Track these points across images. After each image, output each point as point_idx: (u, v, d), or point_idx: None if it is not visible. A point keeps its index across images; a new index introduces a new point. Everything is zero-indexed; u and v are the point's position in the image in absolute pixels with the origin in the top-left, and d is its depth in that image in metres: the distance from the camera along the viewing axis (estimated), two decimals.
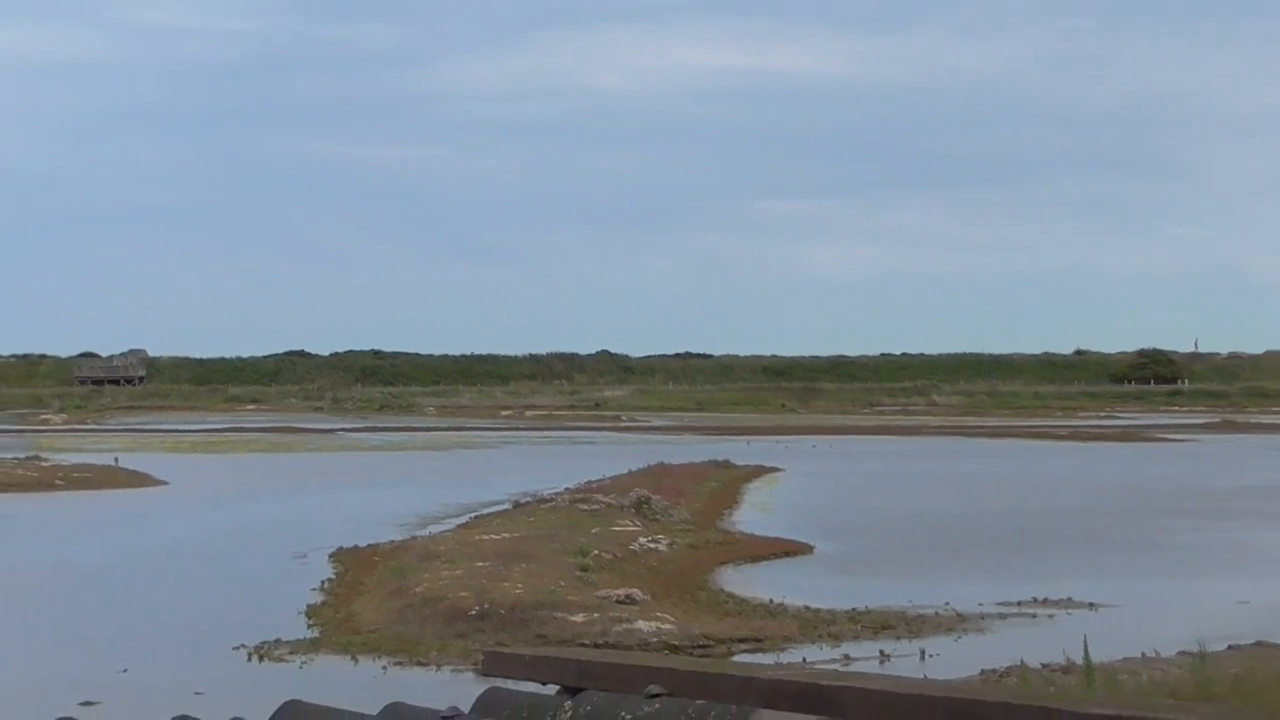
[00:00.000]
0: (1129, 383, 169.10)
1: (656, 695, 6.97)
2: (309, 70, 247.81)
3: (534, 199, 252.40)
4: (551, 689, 7.78)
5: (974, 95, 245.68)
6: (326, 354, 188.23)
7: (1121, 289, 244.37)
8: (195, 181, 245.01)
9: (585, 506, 46.23)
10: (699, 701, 6.80)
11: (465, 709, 7.56)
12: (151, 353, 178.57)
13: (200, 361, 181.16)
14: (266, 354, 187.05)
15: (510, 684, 8.04)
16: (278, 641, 27.80)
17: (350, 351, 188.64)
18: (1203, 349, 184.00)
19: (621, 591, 31.28)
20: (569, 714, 7.29)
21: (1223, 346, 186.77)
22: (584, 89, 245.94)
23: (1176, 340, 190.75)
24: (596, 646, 25.80)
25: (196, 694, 22.48)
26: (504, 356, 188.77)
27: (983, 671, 23.78)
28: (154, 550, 42.12)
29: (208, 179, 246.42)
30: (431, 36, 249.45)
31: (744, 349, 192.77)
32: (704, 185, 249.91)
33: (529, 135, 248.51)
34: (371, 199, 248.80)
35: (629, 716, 6.97)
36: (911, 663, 25.81)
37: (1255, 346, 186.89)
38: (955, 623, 30.10)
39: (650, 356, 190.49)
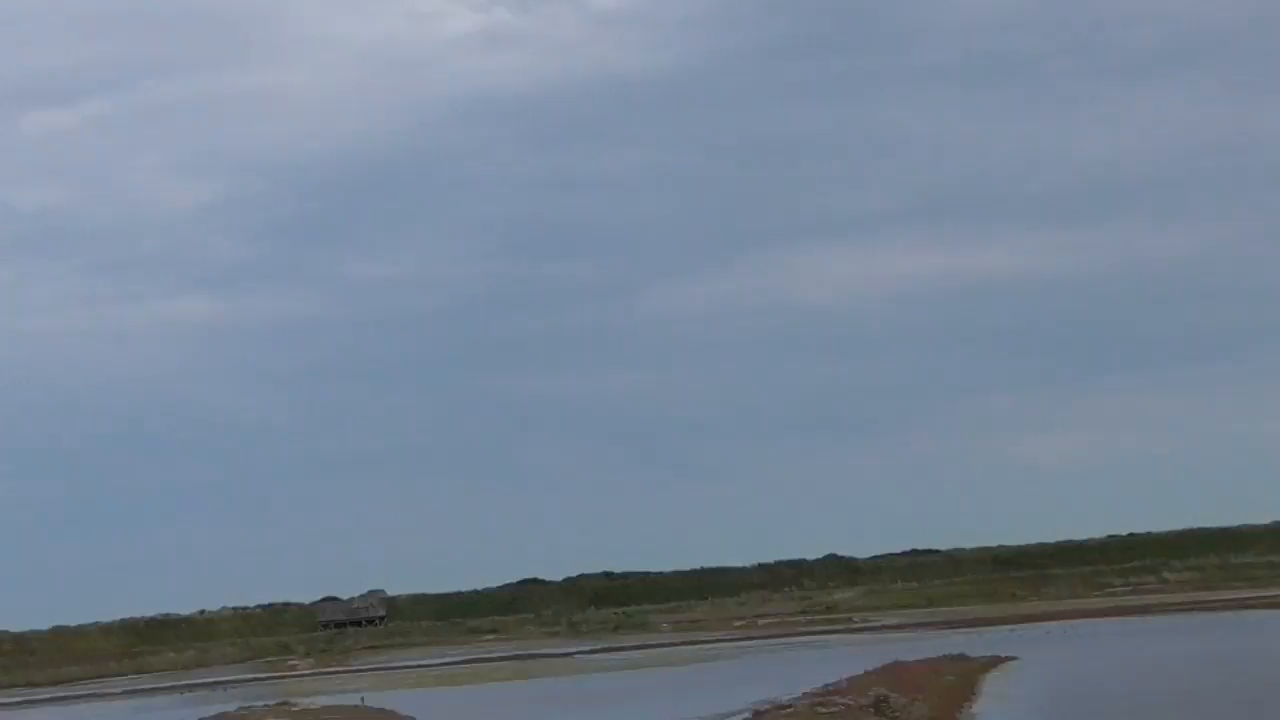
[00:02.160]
0: None
1: None
2: (522, 308, 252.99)
3: (750, 412, 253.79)
4: None
5: (1172, 276, 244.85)
6: (559, 580, 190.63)
7: None
8: (420, 424, 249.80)
9: (825, 710, 47.24)
10: None
11: None
12: (390, 592, 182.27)
13: (438, 596, 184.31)
14: (501, 584, 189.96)
15: None
16: None
17: (582, 575, 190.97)
18: None
19: None
20: None
21: None
22: (788, 304, 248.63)
23: None
24: None
25: None
26: (733, 568, 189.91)
27: None
28: None
29: (431, 421, 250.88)
30: (636, 266, 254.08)
31: (970, 541, 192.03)
32: (912, 386, 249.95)
33: (738, 352, 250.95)
34: (590, 426, 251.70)
35: None
36: None
37: None
38: None
39: (877, 556, 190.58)
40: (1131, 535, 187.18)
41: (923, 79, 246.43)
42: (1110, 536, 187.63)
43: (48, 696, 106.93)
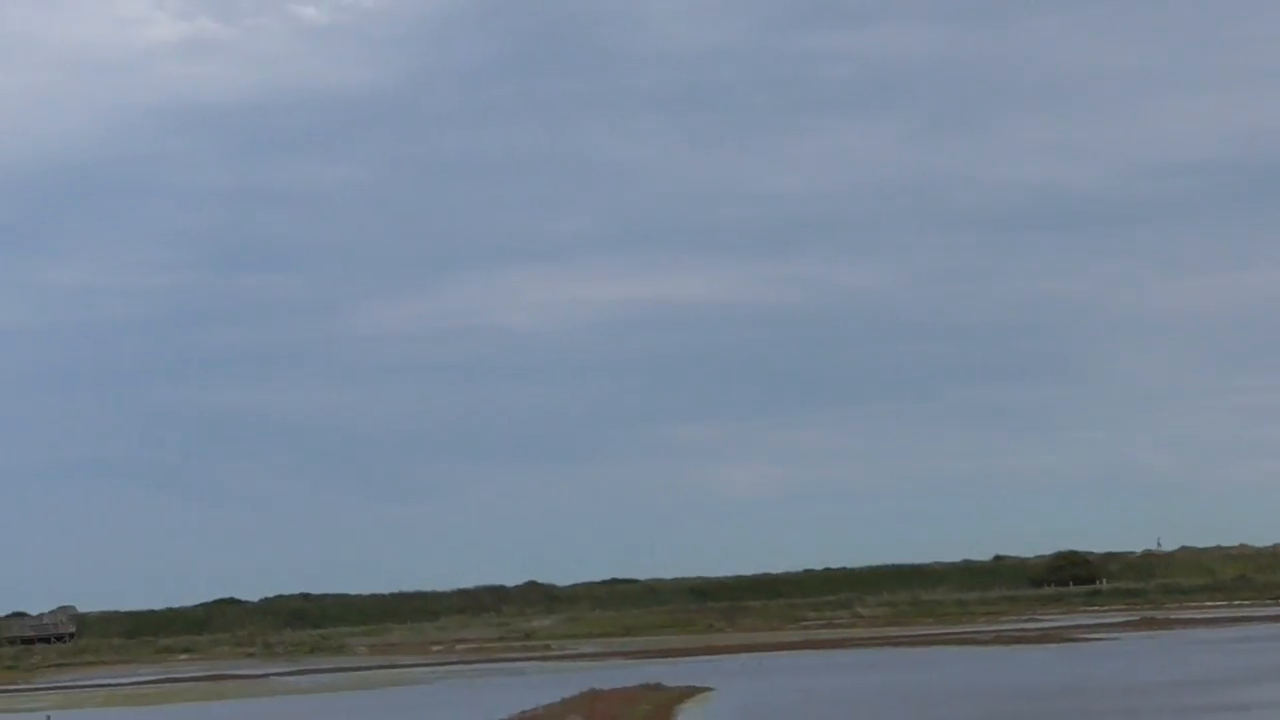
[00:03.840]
0: (1048, 585, 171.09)
1: None
2: (224, 321, 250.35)
3: (453, 436, 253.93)
4: None
5: (863, 312, 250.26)
6: (256, 600, 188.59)
7: (1032, 493, 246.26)
8: (117, 436, 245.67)
9: None
10: None
11: None
12: (81, 608, 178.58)
13: (130, 614, 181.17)
14: (196, 603, 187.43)
15: None
16: None
17: (279, 596, 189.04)
18: (1117, 548, 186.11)
19: None
20: None
21: (1136, 545, 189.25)
22: (494, 327, 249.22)
23: (1091, 541, 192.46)
24: None
25: None
26: (432, 593, 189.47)
27: None
28: None
29: (129, 433, 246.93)
30: (340, 284, 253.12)
31: (669, 572, 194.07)
32: (614, 413, 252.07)
33: (444, 375, 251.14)
34: (293, 444, 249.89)
35: None
36: None
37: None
38: None
39: (577, 584, 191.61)
40: (826, 569, 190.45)
41: (622, 105, 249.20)
42: (805, 570, 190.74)
43: None
